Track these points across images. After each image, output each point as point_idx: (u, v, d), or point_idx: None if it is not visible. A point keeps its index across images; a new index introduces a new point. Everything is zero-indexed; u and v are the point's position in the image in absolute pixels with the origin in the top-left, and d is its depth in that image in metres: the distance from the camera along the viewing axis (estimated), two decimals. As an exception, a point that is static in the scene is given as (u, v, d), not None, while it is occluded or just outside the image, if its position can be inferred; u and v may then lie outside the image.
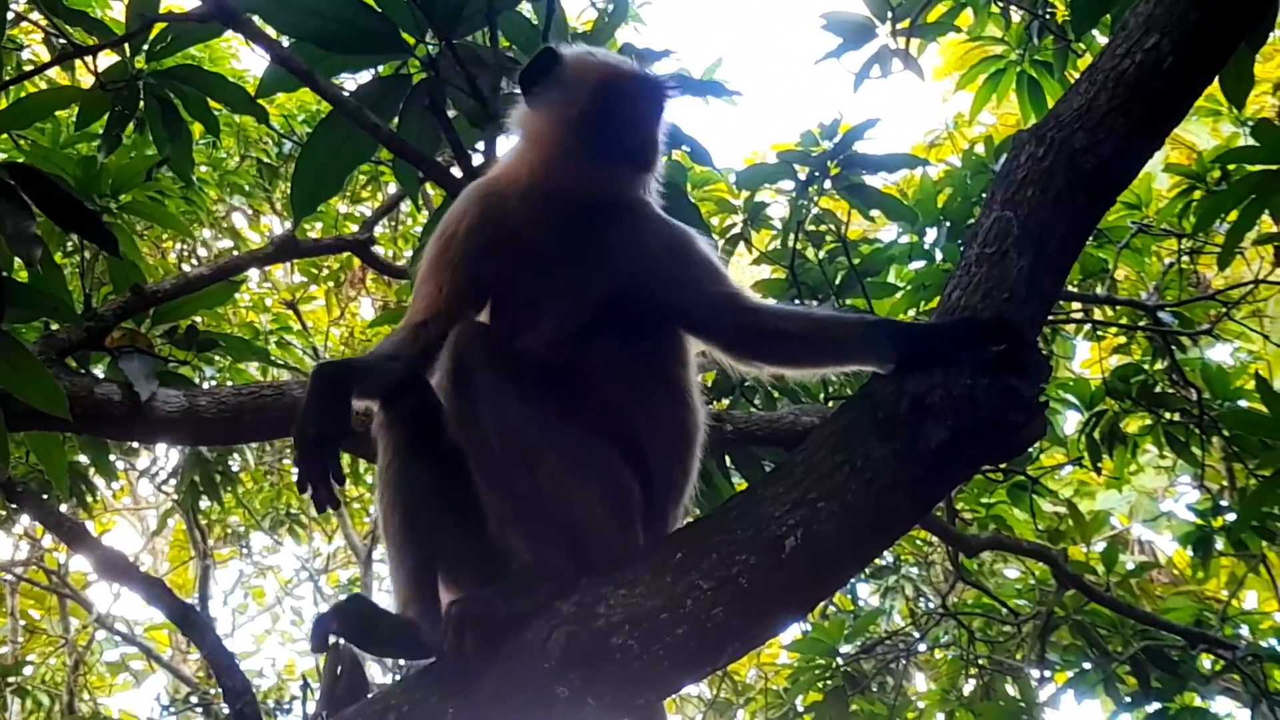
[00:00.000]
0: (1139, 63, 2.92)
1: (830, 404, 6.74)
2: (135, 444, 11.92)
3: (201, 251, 14.17)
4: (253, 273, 13.86)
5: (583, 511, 3.17)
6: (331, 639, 3.14)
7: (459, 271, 3.44)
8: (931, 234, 8.25)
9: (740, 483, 6.23)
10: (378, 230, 11.52)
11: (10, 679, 16.68)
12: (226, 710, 4.27)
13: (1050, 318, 7.65)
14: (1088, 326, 10.19)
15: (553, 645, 2.90)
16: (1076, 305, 9.57)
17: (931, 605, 11.50)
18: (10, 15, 3.88)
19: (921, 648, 11.56)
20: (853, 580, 11.27)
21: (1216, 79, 3.46)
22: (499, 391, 3.13)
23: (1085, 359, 12.07)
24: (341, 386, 3.14)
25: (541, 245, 3.42)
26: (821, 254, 7.79)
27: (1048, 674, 10.04)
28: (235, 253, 12.87)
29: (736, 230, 8.05)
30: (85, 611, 18.95)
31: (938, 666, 11.87)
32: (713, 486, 6.18)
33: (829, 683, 11.10)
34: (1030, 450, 9.11)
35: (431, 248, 3.56)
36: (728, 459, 6.35)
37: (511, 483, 3.11)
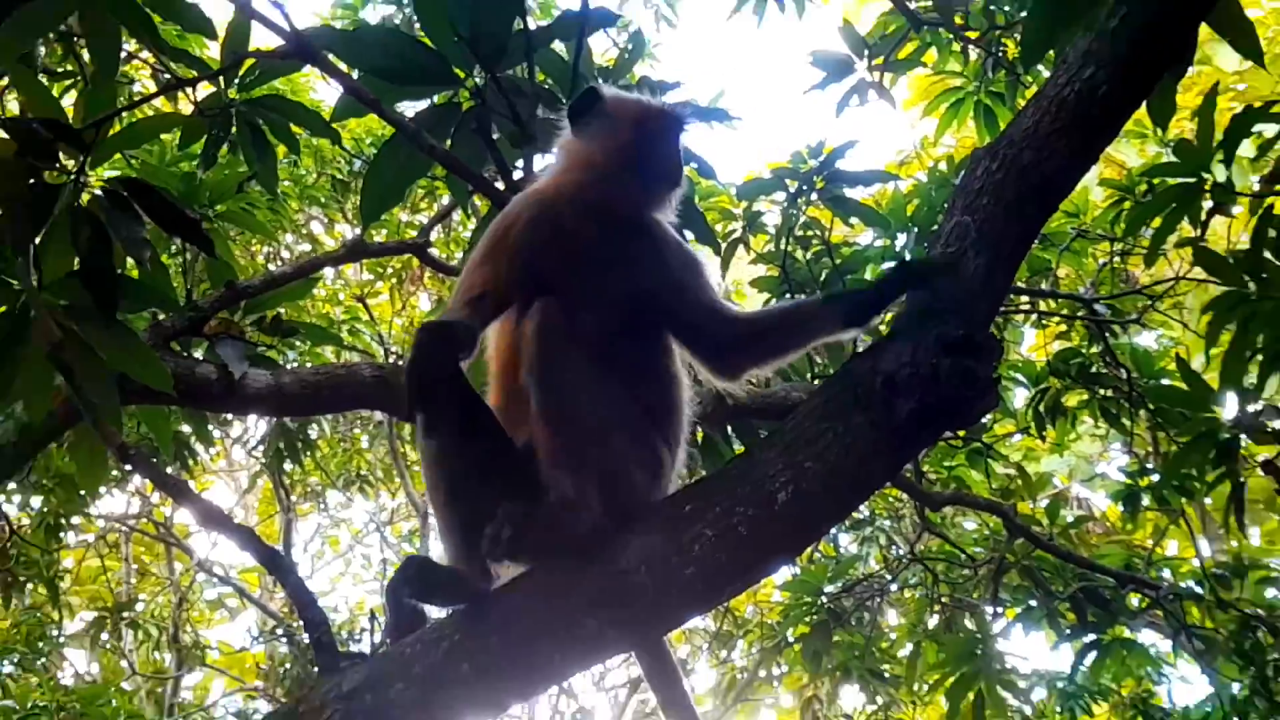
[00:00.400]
0: (1078, 91, 2.92)
1: (816, 381, 6.73)
2: (229, 416, 11.94)
3: (285, 254, 14.18)
4: (327, 271, 13.84)
5: (627, 459, 3.22)
6: (406, 600, 3.20)
7: (515, 258, 3.45)
8: (902, 238, 8.22)
9: (740, 448, 6.22)
10: (434, 235, 11.52)
11: (125, 614, 16.77)
12: (307, 639, 4.28)
13: (1002, 309, 7.63)
14: (1034, 316, 10.17)
15: (581, 585, 2.91)
16: (1024, 298, 9.55)
17: (901, 552, 11.48)
18: (123, 53, 3.89)
19: (893, 588, 11.55)
20: (835, 530, 11.28)
21: (1144, 105, 3.44)
22: (576, 352, 3.17)
23: (1031, 344, 12.04)
24: (449, 339, 3.15)
25: (585, 247, 3.46)
26: (808, 255, 7.77)
27: (1000, 610, 10.03)
28: (313, 254, 12.88)
29: (737, 235, 8.02)
30: (187, 557, 19.03)
31: (907, 604, 11.86)
32: (716, 451, 6.18)
33: (815, 617, 11.14)
34: (985, 420, 9.12)
35: (489, 237, 3.58)
36: (729, 429, 6.35)
37: (574, 426, 3.13)
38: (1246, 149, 6.02)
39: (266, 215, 8.78)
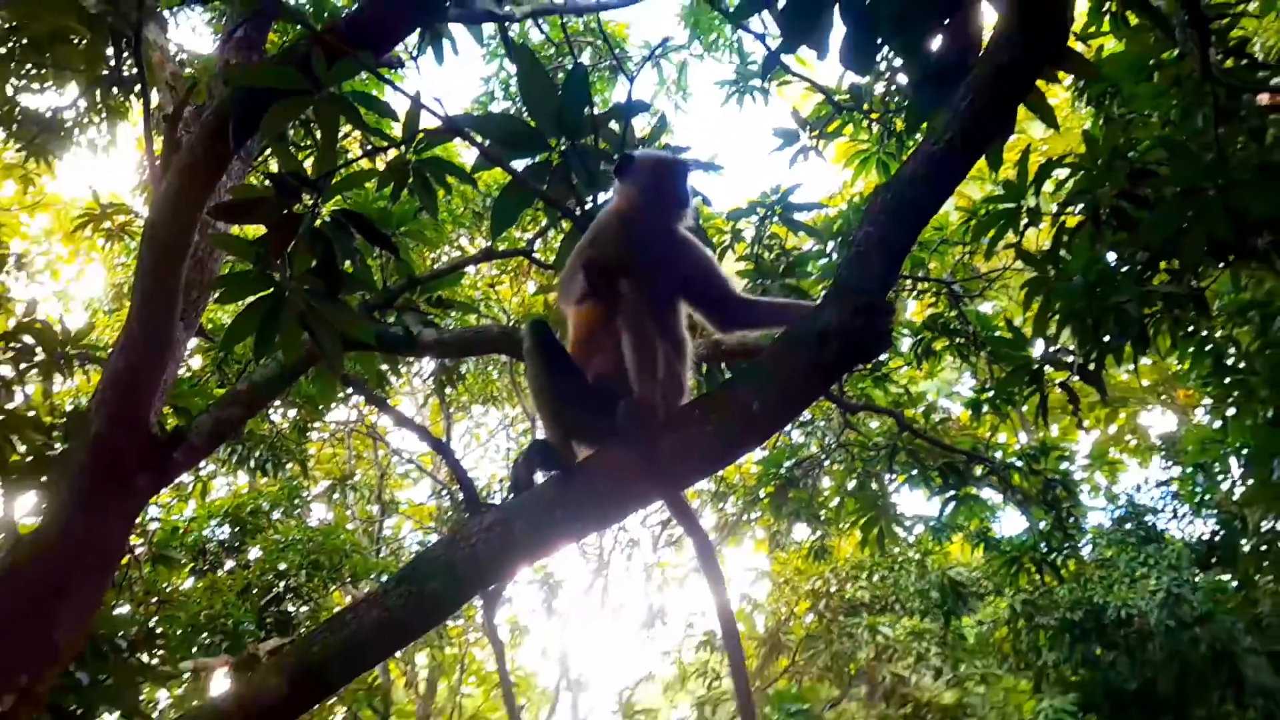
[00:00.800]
0: (940, 148, 2.87)
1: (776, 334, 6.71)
2: (411, 358, 12.00)
3: (443, 257, 14.21)
4: (470, 267, 13.89)
5: (670, 381, 3.24)
6: (526, 469, 3.22)
7: (603, 249, 3.47)
8: (831, 245, 8.18)
9: (729, 375, 6.21)
10: (536, 245, 11.48)
11: (348, 482, 16.98)
12: (461, 496, 4.32)
13: (894, 287, 7.59)
14: (914, 292, 10.13)
15: (632, 462, 2.93)
16: (908, 281, 9.50)
17: (831, 441, 11.48)
18: (340, 131, 3.92)
19: (826, 463, 11.56)
20: (789, 427, 11.30)
21: (983, 158, 3.40)
22: (648, 312, 3.19)
23: (913, 310, 11.99)
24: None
25: (641, 247, 3.46)
26: (771, 256, 7.74)
27: (894, 477, 10.04)
28: (461, 257, 12.91)
29: (726, 244, 7.99)
30: (386, 445, 19.15)
31: (835, 474, 11.85)
32: (713, 378, 6.18)
33: (777, 482, 11.17)
34: (884, 358, 9.10)
35: (589, 235, 3.61)
36: (722, 364, 6.34)
37: (650, 357, 3.11)
38: (1049, 186, 6.01)
39: (432, 233, 8.81)
